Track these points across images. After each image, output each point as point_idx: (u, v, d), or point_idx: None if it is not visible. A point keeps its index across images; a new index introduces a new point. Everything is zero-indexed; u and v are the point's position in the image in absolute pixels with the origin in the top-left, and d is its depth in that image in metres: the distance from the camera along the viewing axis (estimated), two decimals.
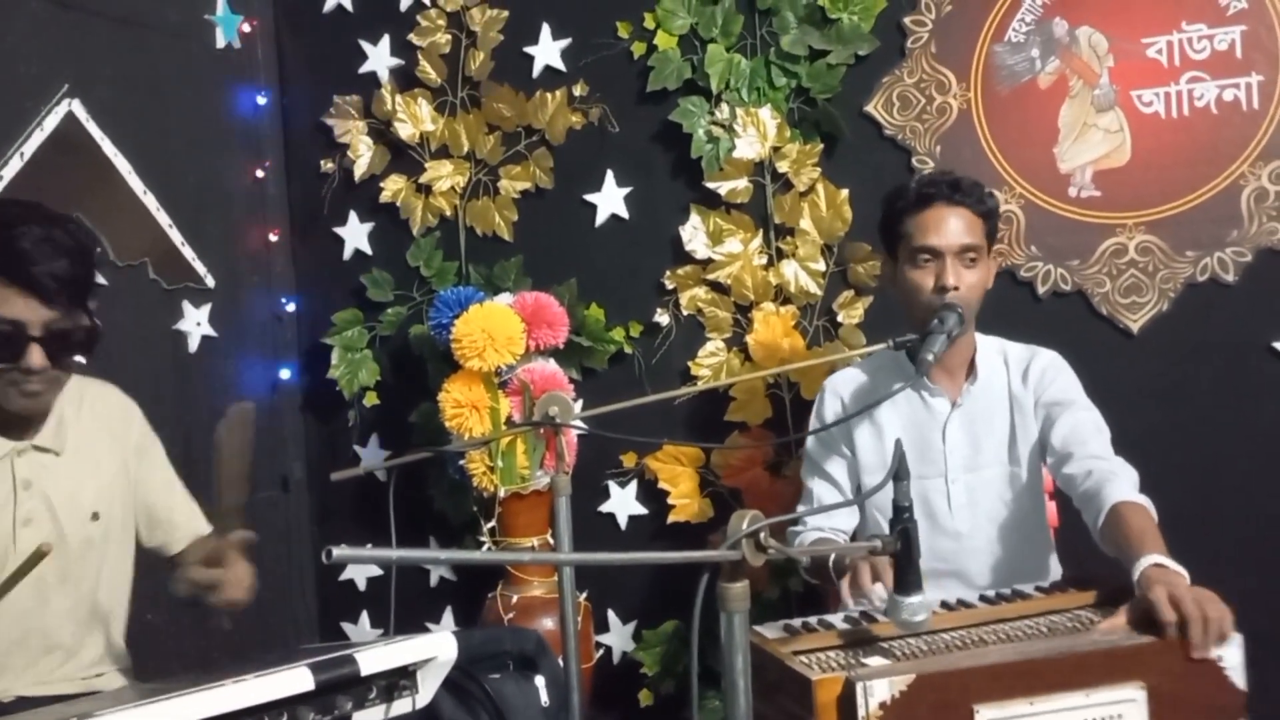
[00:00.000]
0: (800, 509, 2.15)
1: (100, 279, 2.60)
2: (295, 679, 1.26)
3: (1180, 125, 2.52)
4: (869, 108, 2.74)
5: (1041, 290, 2.63)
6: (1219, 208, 2.50)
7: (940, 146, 2.69)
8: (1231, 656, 1.42)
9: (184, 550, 2.02)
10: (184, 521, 2.05)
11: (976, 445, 2.03)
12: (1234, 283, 2.50)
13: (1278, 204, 2.46)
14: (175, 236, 2.89)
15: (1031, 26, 2.62)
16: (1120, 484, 1.78)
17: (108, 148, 2.69)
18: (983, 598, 1.74)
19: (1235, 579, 1.58)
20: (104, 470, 1.91)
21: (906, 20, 2.71)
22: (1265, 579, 2.43)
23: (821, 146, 2.77)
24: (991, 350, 2.07)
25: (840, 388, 2.16)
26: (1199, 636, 1.41)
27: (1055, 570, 2.08)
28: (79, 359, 1.77)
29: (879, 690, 1.33)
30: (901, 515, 1.41)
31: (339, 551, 0.79)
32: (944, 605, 1.69)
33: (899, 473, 1.40)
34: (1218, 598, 1.45)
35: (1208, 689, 1.42)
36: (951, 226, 1.95)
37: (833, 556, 1.85)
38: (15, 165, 2.46)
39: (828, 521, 2.07)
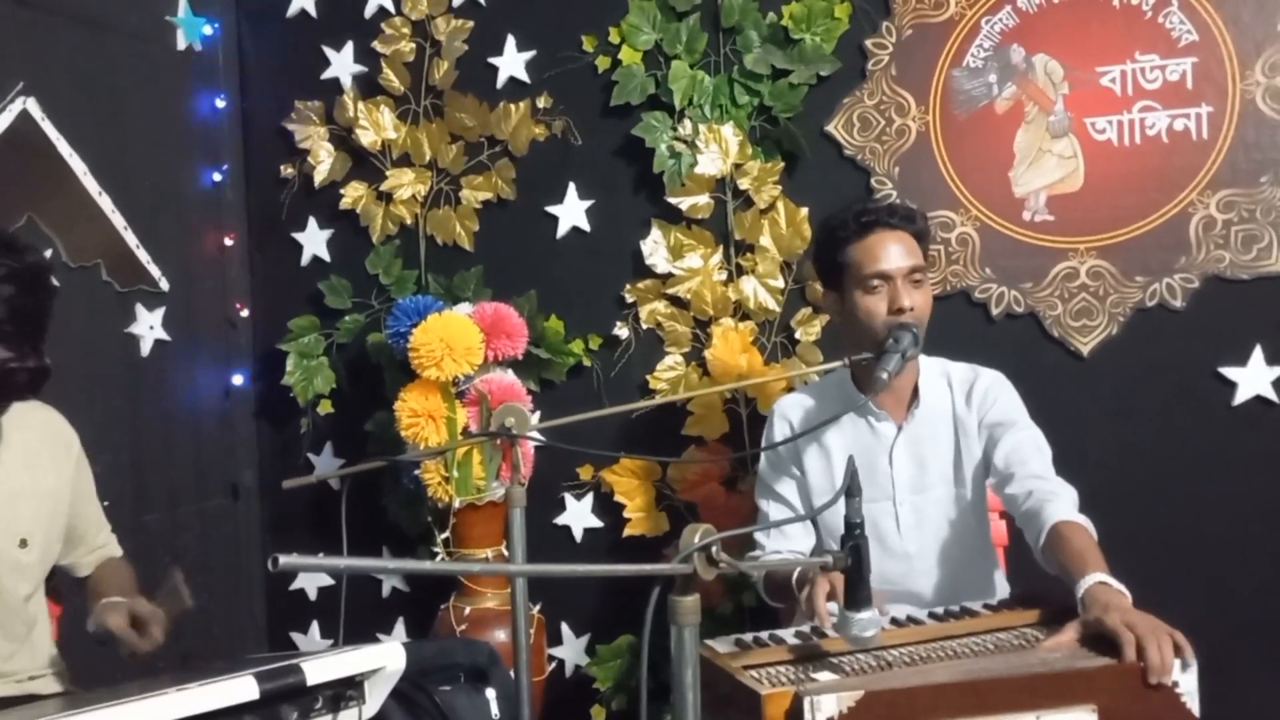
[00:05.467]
0: (758, 533, 2.16)
1: (53, 280, 2.60)
2: (240, 688, 1.25)
3: (1132, 153, 2.57)
4: (829, 127, 2.77)
5: (995, 312, 2.67)
6: (1168, 235, 2.55)
7: (899, 168, 2.73)
8: (1187, 682, 1.42)
9: (92, 574, 2.00)
10: (99, 545, 2.04)
11: (922, 467, 2.05)
12: (1182, 308, 2.55)
13: (1225, 232, 2.51)
14: (130, 239, 2.85)
15: (989, 53, 2.67)
16: (1060, 504, 1.81)
17: (63, 147, 2.66)
18: (931, 614, 1.76)
19: (1180, 600, 1.61)
20: (38, 495, 1.87)
21: (868, 43, 2.74)
22: (1209, 600, 2.47)
23: (782, 165, 2.79)
24: (935, 372, 2.09)
25: (789, 411, 2.18)
26: (1158, 667, 1.40)
27: (1001, 587, 2.10)
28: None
29: (827, 706, 1.33)
30: (853, 531, 1.42)
31: (286, 559, 0.78)
32: (894, 622, 1.70)
33: (850, 489, 1.41)
34: (1165, 625, 1.45)
35: (1162, 714, 1.41)
36: (896, 250, 1.98)
37: (796, 573, 1.86)
38: None
39: (785, 544, 2.08)
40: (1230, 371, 2.52)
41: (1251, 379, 2.50)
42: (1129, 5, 2.56)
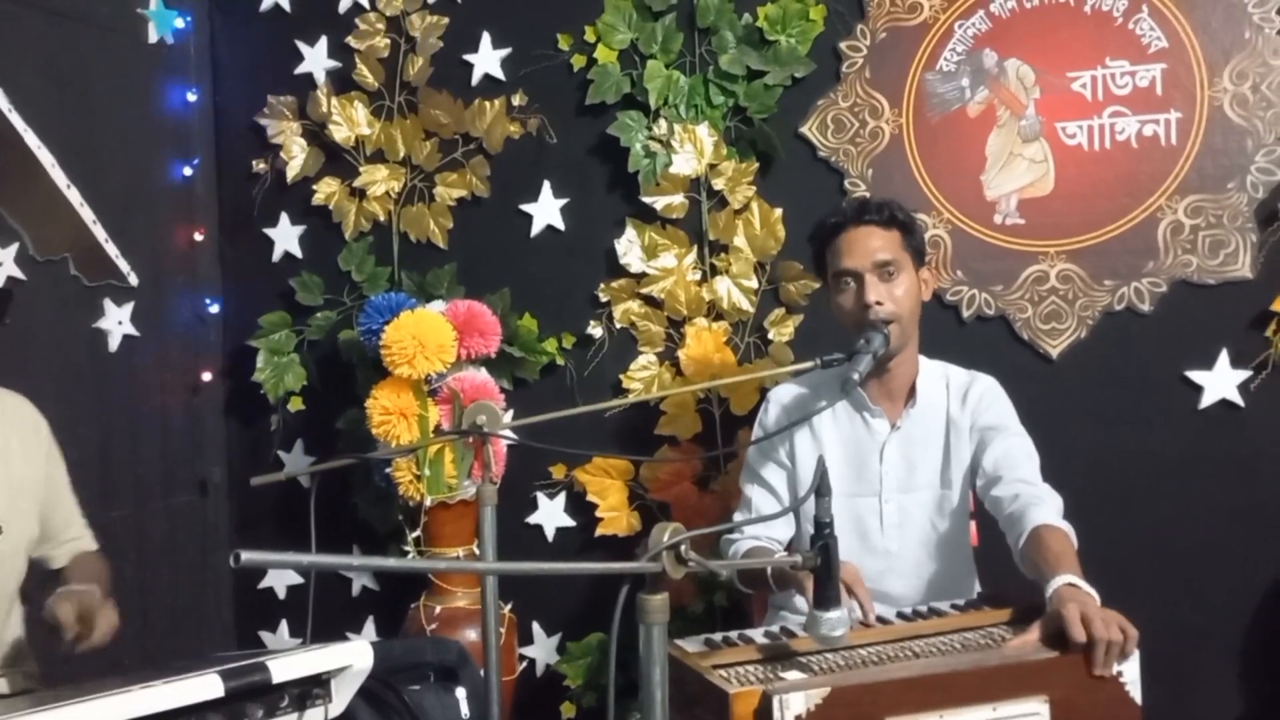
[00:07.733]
0: (737, 515, 2.17)
1: (19, 274, 2.57)
2: (205, 686, 1.24)
3: (1102, 158, 2.60)
4: (804, 129, 2.78)
5: (966, 314, 2.69)
6: (1137, 239, 2.58)
7: (872, 170, 2.74)
8: (1131, 672, 1.47)
9: (66, 567, 1.98)
10: (73, 538, 2.02)
11: (912, 467, 2.06)
12: (1149, 312, 2.57)
13: (1192, 237, 2.54)
14: (99, 233, 2.82)
15: (962, 56, 2.68)
16: (1044, 509, 1.82)
17: (31, 139, 2.62)
18: (900, 614, 1.77)
19: (1142, 600, 1.63)
20: (10, 483, 1.85)
21: (842, 45, 2.76)
22: (1171, 600, 2.50)
23: (757, 165, 2.80)
24: (934, 375, 2.10)
25: (784, 398, 2.19)
26: (1102, 656, 1.45)
27: (976, 594, 2.11)
28: None
29: (795, 703, 1.34)
30: (822, 531, 1.43)
31: (248, 555, 0.77)
32: (862, 622, 1.71)
33: (820, 489, 1.41)
34: (1125, 620, 1.49)
35: (1108, 703, 1.46)
36: (862, 246, 1.99)
37: (770, 569, 1.86)
38: None
39: (765, 531, 2.09)
40: (1196, 375, 2.55)
41: (1217, 383, 2.53)
42: (1100, 11, 2.58)
